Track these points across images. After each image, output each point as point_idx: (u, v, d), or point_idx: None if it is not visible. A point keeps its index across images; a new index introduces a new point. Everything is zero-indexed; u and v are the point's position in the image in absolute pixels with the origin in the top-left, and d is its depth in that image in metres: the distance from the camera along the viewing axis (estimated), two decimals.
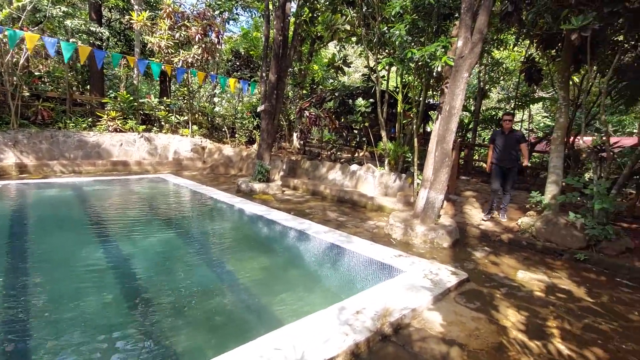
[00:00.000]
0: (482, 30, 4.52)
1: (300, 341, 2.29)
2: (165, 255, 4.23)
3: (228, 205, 6.65)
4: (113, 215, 5.88)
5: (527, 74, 7.00)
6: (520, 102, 12.59)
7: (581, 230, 4.59)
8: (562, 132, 5.43)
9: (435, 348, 2.45)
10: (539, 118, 21.11)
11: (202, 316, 2.84)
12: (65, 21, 10.85)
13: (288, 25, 8.10)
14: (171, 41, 11.24)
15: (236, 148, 12.21)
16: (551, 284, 3.74)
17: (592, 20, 4.27)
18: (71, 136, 10.60)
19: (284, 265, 4.25)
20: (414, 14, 5.62)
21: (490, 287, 3.57)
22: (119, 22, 16.85)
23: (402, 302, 2.92)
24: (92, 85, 13.79)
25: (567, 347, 2.55)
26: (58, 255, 3.96)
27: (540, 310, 3.12)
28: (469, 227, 5.81)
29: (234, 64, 14.70)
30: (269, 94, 8.04)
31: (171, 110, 12.98)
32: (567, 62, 5.42)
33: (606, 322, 2.96)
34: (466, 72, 4.64)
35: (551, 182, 5.43)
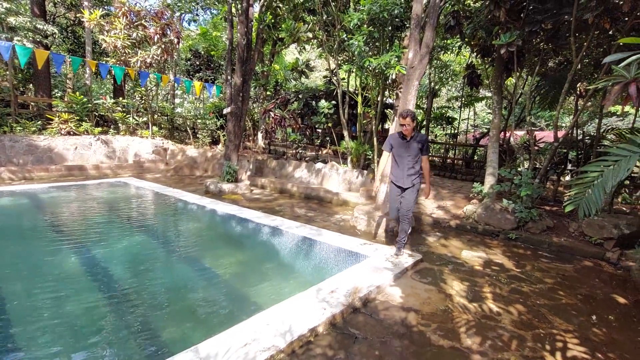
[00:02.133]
0: (429, 44, 5.18)
1: (287, 317, 2.72)
2: (141, 258, 4.34)
3: (199, 206, 6.84)
4: (76, 222, 5.74)
5: (468, 78, 7.92)
6: (466, 101, 13.84)
7: (512, 213, 5.47)
8: (497, 130, 6.33)
9: (396, 314, 3.00)
10: (484, 114, 23.05)
11: (188, 308, 3.10)
12: (8, 18, 10.17)
13: (251, 30, 8.36)
14: (128, 41, 10.96)
15: (200, 149, 12.19)
16: (488, 259, 4.50)
17: (516, 38, 5.10)
18: (19, 140, 10.01)
19: (260, 259, 4.62)
20: (370, 26, 6.19)
21: (439, 265, 4.24)
22: (64, 17, 15.89)
23: (368, 281, 3.46)
24: (37, 85, 12.96)
25: (496, 306, 3.23)
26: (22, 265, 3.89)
27: (478, 280, 3.82)
28: (424, 215, 6.54)
29: (193, 63, 14.54)
30: (235, 96, 8.27)
31: (128, 111, 12.62)
32: (499, 70, 6.31)
33: (527, 286, 3.72)
34: (416, 80, 5.30)
35: (489, 174, 6.31)
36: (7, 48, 7.56)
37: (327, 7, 7.83)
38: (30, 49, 8.07)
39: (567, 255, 4.84)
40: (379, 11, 5.95)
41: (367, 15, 6.09)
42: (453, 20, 6.27)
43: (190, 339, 2.55)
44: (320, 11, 7.91)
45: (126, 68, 10.38)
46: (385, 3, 5.90)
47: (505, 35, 5.22)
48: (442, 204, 7.05)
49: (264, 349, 2.30)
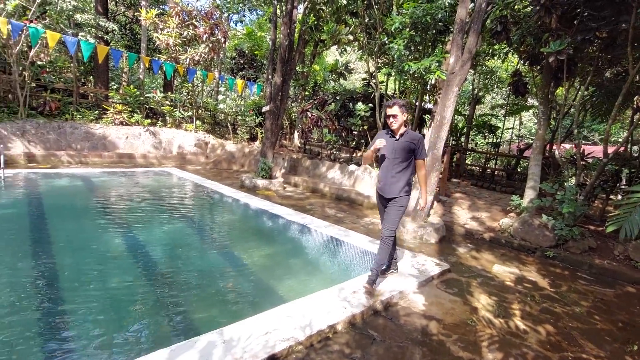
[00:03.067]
0: (472, 50, 5.06)
1: (308, 311, 2.82)
2: (177, 243, 4.67)
3: (234, 200, 7.14)
4: (122, 206, 6.28)
5: (514, 86, 7.58)
6: (511, 110, 13.21)
7: (552, 230, 5.19)
8: (541, 142, 6.02)
9: (417, 321, 3.00)
10: (530, 124, 21.85)
11: (217, 294, 3.31)
12: (75, 15, 11.19)
13: (294, 31, 8.57)
14: (179, 39, 11.63)
15: (238, 144, 12.67)
16: (521, 275, 4.32)
17: (567, 46, 4.84)
18: (78, 127, 10.96)
19: (287, 254, 4.76)
20: (412, 30, 6.14)
21: (468, 277, 4.14)
22: (123, 15, 17.13)
23: (391, 285, 3.47)
24: (97, 78, 14.11)
25: (524, 324, 3.12)
26: (76, 242, 4.31)
27: (508, 296, 3.69)
28: (456, 225, 6.38)
29: (238, 62, 15.11)
30: (274, 95, 8.53)
31: (175, 105, 13.39)
32: (547, 79, 6.00)
33: (560, 307, 3.54)
34: (456, 86, 5.19)
35: (529, 187, 6.02)
36: (73, 43, 8.33)
37: (370, 10, 7.85)
38: (93, 44, 8.83)
39: (609, 279, 4.52)
40: (422, 15, 5.89)
41: (409, 19, 6.05)
42: (500, 26, 6.05)
43: (217, 322, 2.72)
44: (363, 14, 7.94)
45: (176, 65, 11.03)
46: (429, 7, 5.83)
47: (555, 43, 4.96)
48: (476, 215, 6.83)
49: (283, 339, 2.40)
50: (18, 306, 2.78)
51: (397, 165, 3.23)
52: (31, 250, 3.93)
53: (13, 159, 9.18)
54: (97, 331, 2.56)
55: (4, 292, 2.97)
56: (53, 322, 2.62)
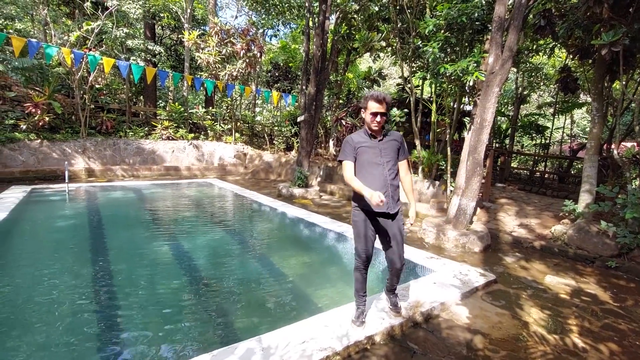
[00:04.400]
0: (512, 47, 4.81)
1: (345, 321, 2.78)
2: (219, 251, 4.88)
3: (271, 209, 7.30)
4: (170, 215, 6.71)
5: (562, 83, 7.07)
6: (561, 108, 12.32)
7: (613, 238, 4.72)
8: (596, 142, 5.53)
9: (460, 335, 2.84)
10: (584, 123, 20.20)
11: (256, 301, 3.39)
12: (127, 41, 12.21)
13: (327, 41, 8.69)
14: (218, 57, 12.26)
15: (275, 154, 12.98)
16: (578, 288, 3.96)
17: (622, 36, 4.44)
18: (130, 144, 11.86)
19: (324, 263, 4.76)
20: (447, 32, 5.98)
21: (517, 288, 3.87)
22: (169, 38, 18.41)
23: (432, 296, 3.33)
24: (146, 97, 15.23)
25: (582, 341, 2.84)
26: (128, 250, 4.67)
27: (563, 310, 3.39)
28: (502, 233, 6.01)
29: (273, 74, 15.58)
30: (309, 105, 8.66)
31: (216, 119, 14.05)
32: (600, 73, 5.52)
33: (625, 323, 3.19)
34: (497, 87, 4.95)
35: (584, 191, 5.54)
36: (125, 67, 9.08)
37: (402, 15, 7.76)
38: (142, 67, 9.57)
39: None
40: (457, 16, 5.71)
41: (444, 20, 5.89)
42: (543, 20, 5.69)
43: (256, 329, 2.78)
44: (395, 19, 7.87)
45: (216, 81, 11.60)
46: (465, 7, 5.64)
47: (607, 34, 4.57)
48: (525, 222, 6.40)
49: (320, 349, 2.39)
50: (77, 308, 3.03)
51: (392, 169, 2.68)
52: (90, 256, 4.30)
53: (75, 174, 10.12)
54: (144, 333, 2.72)
55: (66, 295, 3.26)
56: (106, 323, 2.84)
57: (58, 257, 4.28)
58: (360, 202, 2.66)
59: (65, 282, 3.57)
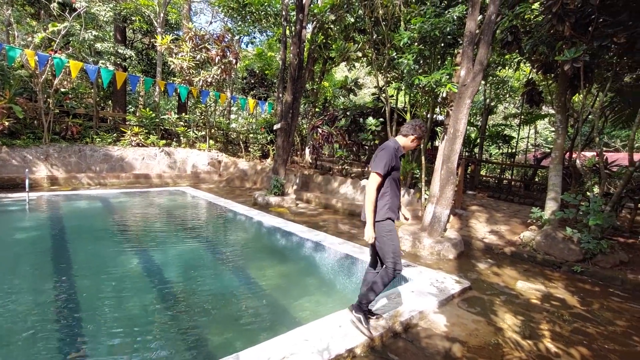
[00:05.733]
0: (483, 61, 5.01)
1: (325, 334, 2.71)
2: (191, 263, 4.65)
3: (247, 217, 7.13)
4: (139, 226, 6.38)
5: (528, 95, 7.44)
6: (526, 119, 12.98)
7: (578, 244, 4.95)
8: (560, 152, 5.83)
9: (439, 344, 2.85)
10: (546, 132, 21.39)
11: (232, 316, 3.24)
12: (96, 44, 11.72)
13: (303, 50, 8.72)
14: (192, 62, 12.00)
15: (251, 162, 12.79)
16: (547, 293, 4.10)
17: (582, 53, 4.73)
18: (97, 150, 11.30)
19: (302, 273, 4.68)
20: (420, 44, 6.15)
21: (490, 294, 3.95)
22: (140, 42, 17.86)
23: (411, 305, 3.33)
24: (115, 102, 14.63)
25: (554, 346, 2.93)
26: (94, 263, 4.36)
27: (535, 315, 3.49)
28: (474, 240, 6.17)
29: (249, 81, 15.44)
30: (285, 113, 8.61)
31: (189, 125, 13.69)
32: (563, 87, 5.86)
33: (593, 326, 3.32)
34: (469, 98, 5.12)
35: (550, 199, 5.81)
36: (94, 71, 8.68)
37: (378, 27, 7.93)
38: (112, 71, 9.19)
39: None
40: (430, 29, 5.89)
41: (417, 33, 6.06)
42: (510, 36, 5.99)
43: (233, 345, 2.65)
44: (371, 30, 8.03)
45: (190, 87, 11.33)
46: (437, 21, 5.83)
47: (569, 51, 4.86)
48: (495, 229, 6.61)
49: None
50: (37, 327, 2.78)
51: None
52: (52, 271, 3.99)
53: (37, 182, 9.48)
54: (112, 352, 2.53)
55: (25, 313, 2.99)
56: (68, 344, 2.61)
57: (17, 272, 3.95)
58: (393, 213, 2.77)
59: (24, 299, 3.28)
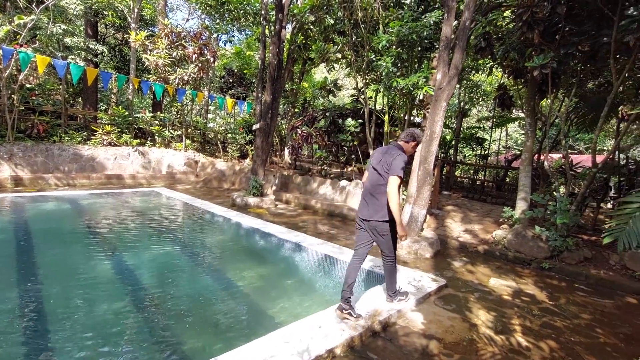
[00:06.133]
0: (458, 66, 5.16)
1: (305, 336, 2.71)
2: (167, 266, 4.50)
3: (225, 219, 7.01)
4: (110, 228, 6.10)
5: (500, 99, 7.74)
6: (498, 122, 13.49)
7: (546, 242, 5.19)
8: (529, 154, 6.10)
9: (417, 341, 2.91)
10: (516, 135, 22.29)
11: (209, 319, 3.17)
12: (65, 39, 11.18)
13: (283, 50, 8.68)
14: (168, 60, 11.68)
15: (229, 162, 12.58)
16: (518, 289, 4.28)
17: (550, 60, 4.97)
18: (66, 149, 10.78)
19: (281, 274, 4.64)
20: (398, 47, 6.27)
21: (465, 292, 4.08)
22: (113, 37, 17.21)
23: (389, 304, 3.38)
24: (86, 99, 14.03)
25: (525, 340, 3.05)
26: (62, 268, 4.13)
27: (507, 310, 3.63)
28: (449, 239, 6.35)
29: (227, 80, 15.19)
30: (264, 113, 8.54)
31: (164, 124, 13.31)
32: (532, 92, 6.14)
33: (560, 320, 3.49)
34: (444, 101, 5.26)
35: (520, 199, 6.06)
36: (62, 66, 8.27)
37: (357, 29, 8.02)
38: (82, 67, 8.79)
39: (607, 289, 4.50)
40: (408, 33, 6.02)
41: (395, 36, 6.17)
42: (484, 42, 6.22)
43: (211, 350, 2.60)
44: (350, 33, 8.10)
45: (165, 85, 11.02)
46: (415, 25, 5.97)
47: (538, 57, 5.10)
48: (469, 228, 6.83)
49: None
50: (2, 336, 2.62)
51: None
52: (17, 277, 3.76)
53: (0, 183, 8.94)
54: None
55: None
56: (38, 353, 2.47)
57: None
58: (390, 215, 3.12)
59: None
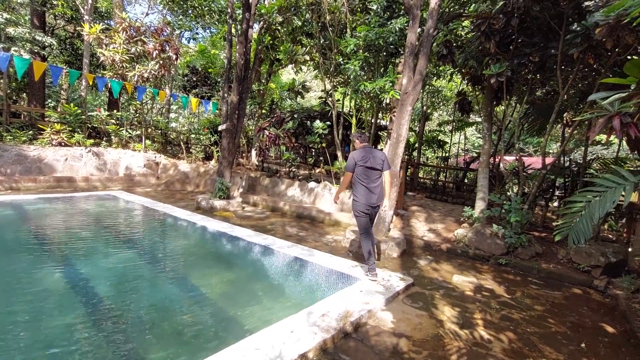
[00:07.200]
0: (422, 71, 5.36)
1: (277, 341, 2.67)
2: (126, 275, 4.22)
3: (189, 223, 6.75)
4: (60, 236, 5.61)
5: (459, 105, 8.15)
6: (457, 126, 14.18)
7: (502, 239, 5.53)
8: (487, 156, 6.48)
9: (387, 340, 2.97)
10: (474, 138, 23.57)
11: (173, 330, 3.01)
12: (7, 29, 10.22)
13: (250, 50, 8.54)
14: (126, 55, 11.06)
15: (193, 164, 12.15)
16: (479, 284, 4.51)
17: (505, 69, 5.31)
18: (8, 150, 9.85)
19: (250, 279, 4.54)
20: (365, 52, 6.39)
21: (431, 289, 4.23)
22: (63, 29, 16.01)
23: (360, 305, 3.42)
24: (31, 95, 12.92)
25: (487, 333, 3.22)
26: (7, 279, 3.79)
27: (469, 306, 3.81)
28: (415, 238, 6.56)
29: (190, 79, 14.68)
30: (231, 114, 8.35)
31: (122, 123, 12.58)
32: (489, 98, 6.52)
33: (517, 313, 3.73)
34: (410, 105, 5.44)
35: (479, 199, 6.41)
36: (5, 59, 7.56)
37: (325, 32, 8.08)
38: (28, 60, 8.09)
39: (556, 282, 4.88)
40: (374, 38, 6.16)
41: (363, 41, 6.30)
42: (445, 50, 6.52)
43: None
44: (318, 35, 8.15)
45: (124, 82, 10.43)
46: (381, 31, 6.12)
47: (495, 66, 5.43)
48: (433, 227, 7.10)
49: None
50: None
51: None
52: None
53: None
54: None
55: None
56: None
57: None
58: None
59: None
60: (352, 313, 3.22)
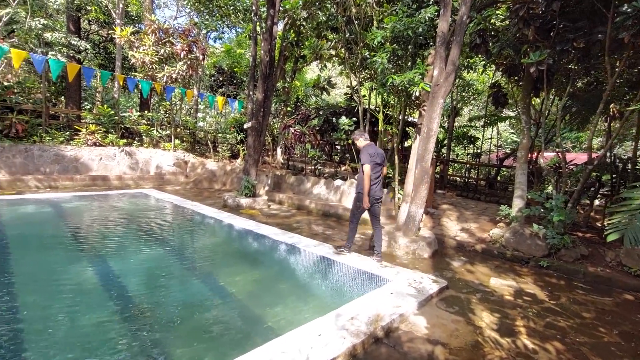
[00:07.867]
0: (455, 62, 5.07)
1: (304, 345, 2.56)
2: (157, 271, 4.30)
3: (217, 221, 6.80)
4: (96, 232, 5.83)
5: (494, 98, 7.71)
6: (489, 121, 13.54)
7: (543, 239, 5.15)
8: (525, 151, 6.07)
9: (421, 347, 2.78)
10: (506, 134, 22.53)
11: (201, 328, 2.99)
12: (45, 34, 10.75)
13: (275, 47, 8.49)
14: (155, 57, 11.35)
15: (220, 162, 12.32)
16: (519, 288, 4.20)
17: (546, 57, 4.91)
18: (47, 150, 10.37)
19: (277, 278, 4.48)
20: (393, 44, 6.15)
21: (466, 293, 3.98)
22: (97, 34, 16.72)
23: (390, 308, 3.25)
24: (68, 98, 13.56)
25: (531, 342, 2.96)
26: (42, 275, 3.90)
27: (510, 311, 3.54)
28: (446, 238, 6.27)
29: (217, 79, 14.90)
30: (256, 111, 8.34)
31: (152, 124, 12.96)
32: (527, 89, 6.10)
33: (563, 320, 3.42)
34: (441, 98, 5.16)
35: (517, 197, 6.02)
36: (40, 61, 7.92)
37: (350, 26, 7.88)
38: (62, 62, 8.44)
39: (605, 286, 4.47)
40: (403, 29, 5.90)
41: (390, 32, 6.05)
42: (479, 39, 6.15)
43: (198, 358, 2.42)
44: (343, 29, 7.96)
45: (153, 83, 10.70)
46: (410, 21, 5.86)
47: (535, 54, 5.05)
48: (465, 226, 6.76)
49: None
50: None
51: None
52: None
53: None
54: None
55: None
56: None
57: None
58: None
59: None
60: (382, 317, 3.05)
